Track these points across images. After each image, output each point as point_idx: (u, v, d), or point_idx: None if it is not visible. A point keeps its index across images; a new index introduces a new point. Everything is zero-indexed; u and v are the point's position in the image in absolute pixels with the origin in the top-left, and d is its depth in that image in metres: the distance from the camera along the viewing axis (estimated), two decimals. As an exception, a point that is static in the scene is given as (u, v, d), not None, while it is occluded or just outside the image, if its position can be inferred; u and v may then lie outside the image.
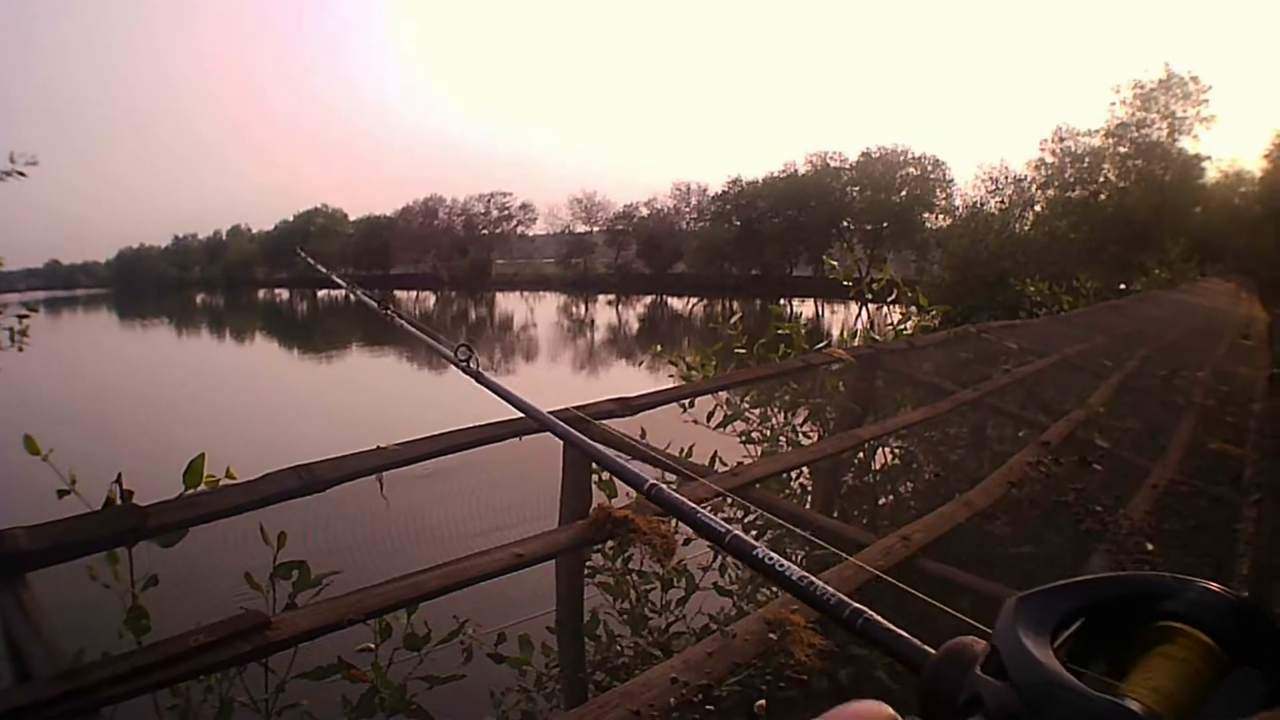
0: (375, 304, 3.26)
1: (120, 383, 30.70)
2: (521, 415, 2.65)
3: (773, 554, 0.96)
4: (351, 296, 3.78)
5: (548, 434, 3.49)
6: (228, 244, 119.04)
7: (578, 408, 3.77)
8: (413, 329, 2.83)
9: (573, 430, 1.67)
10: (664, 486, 1.28)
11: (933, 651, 0.71)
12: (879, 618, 0.82)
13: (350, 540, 3.05)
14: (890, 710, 0.64)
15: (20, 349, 12.50)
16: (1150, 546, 4.64)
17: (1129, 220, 42.04)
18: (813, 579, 0.89)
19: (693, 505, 1.13)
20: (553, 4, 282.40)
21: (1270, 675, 0.60)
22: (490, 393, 2.08)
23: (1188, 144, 49.81)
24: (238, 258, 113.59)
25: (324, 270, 4.76)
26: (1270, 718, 0.52)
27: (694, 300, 70.29)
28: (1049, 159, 50.70)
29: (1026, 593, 0.66)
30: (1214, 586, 0.64)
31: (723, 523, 1.07)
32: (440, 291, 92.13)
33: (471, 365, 2.11)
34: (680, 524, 3.82)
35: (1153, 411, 8.51)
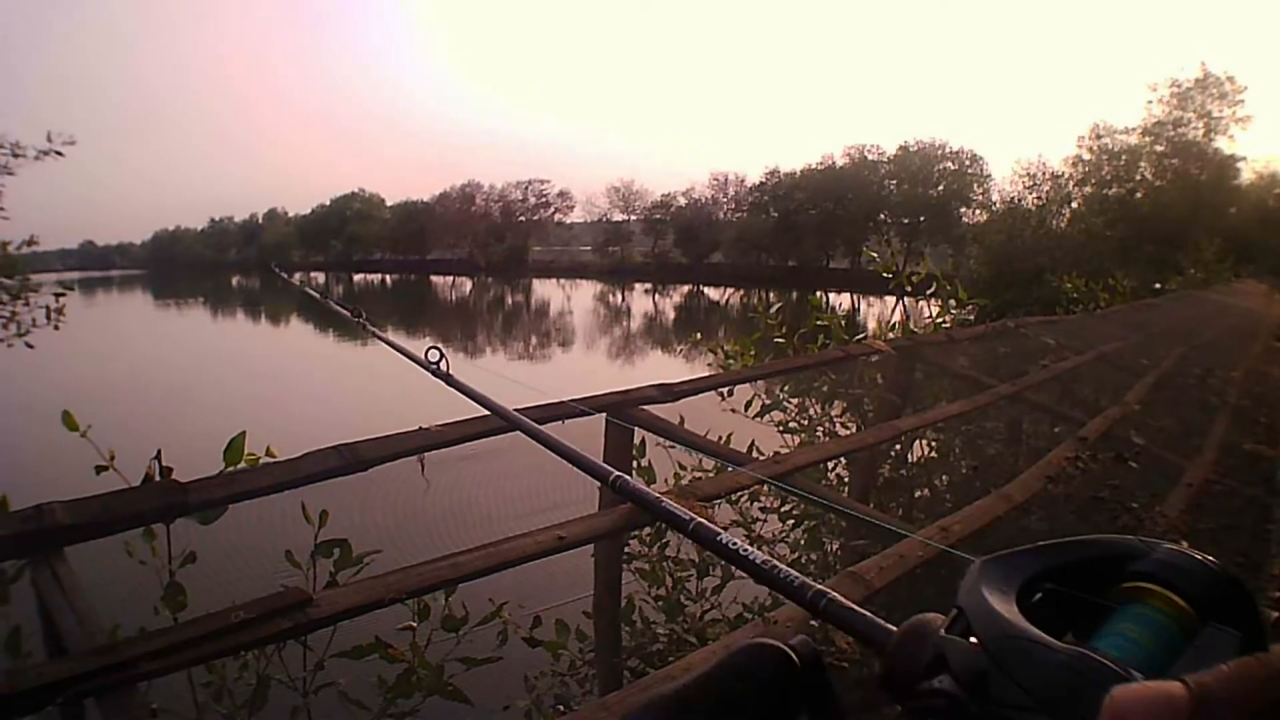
0: (348, 312, 3.28)
1: (156, 363, 30.84)
2: (562, 400, 2.62)
3: (735, 540, 0.96)
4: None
5: (591, 418, 3.51)
6: (264, 227, 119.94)
7: (620, 393, 3.78)
8: (382, 339, 2.84)
9: (531, 423, 1.65)
10: (628, 478, 1.28)
11: (895, 629, 0.71)
12: (842, 599, 0.81)
13: (391, 520, 3.05)
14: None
15: (56, 327, 12.69)
16: (1185, 544, 4.61)
17: (1164, 219, 41.72)
18: (775, 563, 0.89)
19: (656, 495, 1.14)
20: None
21: (1242, 632, 0.60)
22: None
23: (1223, 144, 49.68)
24: (274, 240, 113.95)
25: (298, 284, 4.90)
26: (1244, 663, 0.51)
27: (730, 290, 70.21)
28: (1086, 156, 50.33)
29: (992, 555, 0.67)
30: (1181, 548, 0.66)
31: (687, 511, 1.07)
32: (476, 277, 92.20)
33: (441, 368, 2.10)
34: (719, 512, 3.84)
35: (1188, 410, 8.47)
